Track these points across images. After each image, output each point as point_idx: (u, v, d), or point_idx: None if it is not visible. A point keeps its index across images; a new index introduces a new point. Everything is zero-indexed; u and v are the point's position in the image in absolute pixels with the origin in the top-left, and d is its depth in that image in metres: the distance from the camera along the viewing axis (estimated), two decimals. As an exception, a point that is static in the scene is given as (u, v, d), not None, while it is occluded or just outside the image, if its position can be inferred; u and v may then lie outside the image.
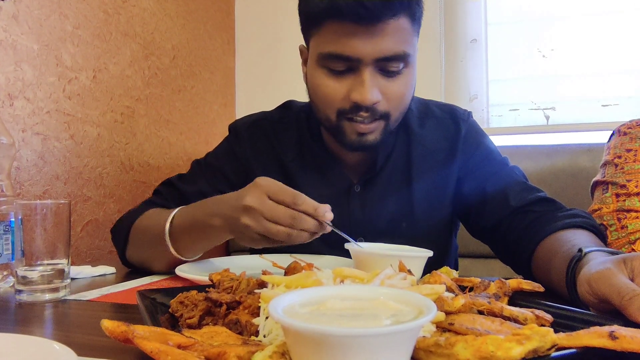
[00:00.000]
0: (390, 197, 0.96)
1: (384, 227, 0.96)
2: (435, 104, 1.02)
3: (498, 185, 0.90)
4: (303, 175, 0.98)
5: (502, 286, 0.51)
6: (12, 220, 0.84)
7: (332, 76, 0.83)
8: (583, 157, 1.54)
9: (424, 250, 0.67)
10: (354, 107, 0.82)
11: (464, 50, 1.78)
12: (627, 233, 0.79)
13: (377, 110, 0.83)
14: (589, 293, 0.47)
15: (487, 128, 1.76)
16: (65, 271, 0.75)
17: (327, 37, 0.81)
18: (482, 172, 0.93)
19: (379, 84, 0.82)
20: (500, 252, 0.90)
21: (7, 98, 1.04)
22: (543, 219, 0.80)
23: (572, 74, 1.67)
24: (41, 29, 1.13)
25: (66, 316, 0.65)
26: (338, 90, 0.83)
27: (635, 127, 0.92)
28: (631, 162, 0.87)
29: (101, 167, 1.31)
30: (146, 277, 0.90)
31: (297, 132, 1.01)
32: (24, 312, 0.67)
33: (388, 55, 0.80)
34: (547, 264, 0.70)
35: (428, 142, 0.97)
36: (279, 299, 0.35)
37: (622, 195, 0.83)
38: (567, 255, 0.62)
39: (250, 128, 1.04)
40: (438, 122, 0.98)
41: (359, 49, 0.79)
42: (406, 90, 0.85)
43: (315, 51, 0.85)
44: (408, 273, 0.53)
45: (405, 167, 0.96)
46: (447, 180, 0.96)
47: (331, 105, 0.85)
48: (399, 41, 0.80)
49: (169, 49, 1.62)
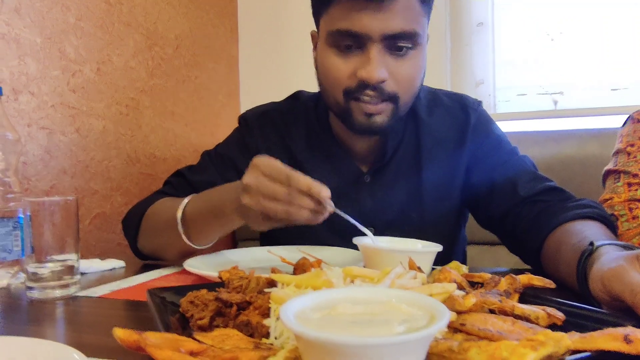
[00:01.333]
0: (400, 187, 0.96)
1: (393, 217, 0.95)
2: (444, 93, 1.01)
3: (507, 175, 0.89)
4: (313, 165, 0.98)
5: (513, 282, 0.51)
6: (20, 217, 0.84)
7: (340, 54, 0.83)
8: (592, 143, 1.52)
9: (433, 245, 0.66)
10: (360, 85, 0.81)
11: (470, 34, 1.76)
12: (638, 224, 0.78)
13: (385, 90, 0.82)
14: (602, 291, 0.46)
15: (494, 113, 1.74)
16: (75, 267, 0.75)
17: (336, 14, 0.81)
18: (491, 161, 0.92)
19: (386, 63, 0.81)
20: (509, 243, 0.89)
21: (11, 93, 1.04)
22: (552, 209, 0.79)
23: (581, 58, 1.64)
24: (44, 21, 1.12)
25: (77, 314, 0.65)
26: (345, 68, 0.83)
27: None
28: None
29: (107, 160, 1.31)
30: (155, 271, 0.90)
31: (306, 122, 1.00)
32: (36, 310, 0.67)
33: (396, 31, 0.79)
34: (556, 256, 0.70)
35: (437, 131, 0.96)
36: (290, 303, 0.34)
37: (634, 185, 0.82)
38: (577, 248, 0.62)
39: (260, 119, 1.03)
40: (447, 110, 0.97)
41: (366, 25, 0.78)
42: (415, 73, 0.84)
43: (325, 30, 0.85)
44: (418, 270, 0.53)
45: (414, 156, 0.96)
46: (456, 170, 0.95)
47: (338, 85, 0.84)
48: (408, 19, 0.79)
49: (172, 38, 1.60)
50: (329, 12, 0.83)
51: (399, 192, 0.96)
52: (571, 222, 0.73)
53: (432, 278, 0.57)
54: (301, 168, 0.97)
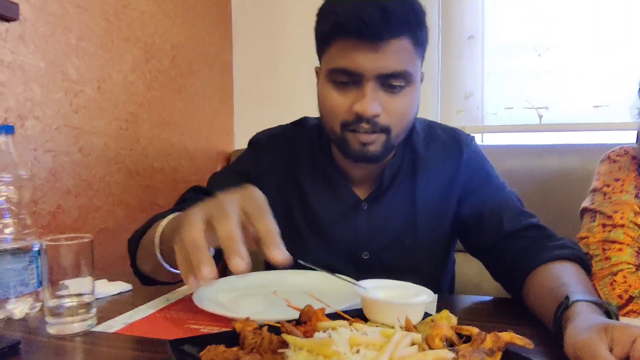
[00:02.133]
0: (395, 215, 1.02)
1: (388, 242, 1.02)
2: (440, 127, 1.08)
3: (494, 209, 0.96)
4: (315, 191, 1.04)
5: (497, 340, 0.58)
6: (35, 250, 0.89)
7: (338, 89, 0.89)
8: (572, 157, 1.60)
9: (425, 292, 0.72)
10: (356, 119, 0.88)
11: (461, 47, 1.81)
12: (610, 264, 0.85)
13: (378, 123, 0.88)
14: (573, 355, 0.53)
15: (482, 126, 1.81)
16: (91, 302, 0.80)
17: (334, 54, 0.88)
18: (481, 195, 0.99)
19: (380, 99, 0.87)
20: (494, 274, 0.96)
21: (17, 119, 1.07)
22: (534, 247, 0.86)
23: (566, 75, 1.71)
24: (47, 45, 1.14)
25: (96, 353, 0.71)
26: (342, 102, 0.89)
27: (624, 156, 0.97)
28: (618, 192, 0.92)
29: (109, 176, 1.35)
30: (162, 297, 0.95)
31: (310, 150, 1.06)
32: (56, 346, 0.73)
33: (389, 71, 0.85)
34: (537, 298, 0.77)
35: (432, 165, 1.02)
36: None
37: (608, 226, 0.89)
38: (555, 296, 0.69)
39: (271, 142, 1.09)
40: (443, 145, 1.04)
41: (361, 64, 0.84)
42: (407, 108, 0.91)
43: (325, 68, 0.91)
44: (414, 329, 0.59)
45: (410, 187, 1.02)
46: (449, 201, 1.02)
47: (336, 117, 0.91)
48: (400, 60, 0.85)
49: (169, 49, 1.62)
50: (329, 51, 0.89)
51: (394, 219, 1.02)
52: (551, 263, 0.80)
53: (425, 329, 0.64)
54: (304, 192, 1.04)
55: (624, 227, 0.88)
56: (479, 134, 1.85)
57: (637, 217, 0.90)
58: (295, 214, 1.05)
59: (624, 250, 0.86)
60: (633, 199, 0.92)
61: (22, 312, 0.86)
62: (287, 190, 1.06)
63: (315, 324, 0.63)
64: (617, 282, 0.83)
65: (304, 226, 1.04)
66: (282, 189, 1.06)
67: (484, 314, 0.90)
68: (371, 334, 0.57)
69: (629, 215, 0.90)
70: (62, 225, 1.19)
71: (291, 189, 1.06)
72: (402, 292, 0.73)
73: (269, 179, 1.05)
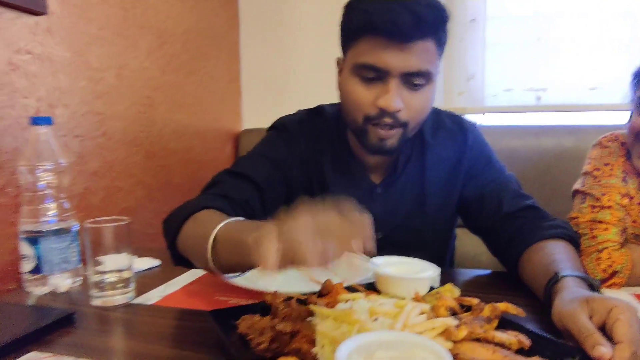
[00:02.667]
0: (407, 198, 1.10)
1: (399, 223, 1.10)
2: (446, 115, 1.15)
3: (495, 191, 1.05)
4: (335, 177, 1.11)
5: (494, 310, 0.67)
6: (75, 231, 0.97)
7: (363, 84, 0.94)
8: (568, 138, 1.68)
9: (430, 267, 0.81)
10: (379, 113, 0.94)
11: (464, 31, 1.86)
12: (596, 242, 0.94)
13: (399, 119, 0.94)
14: (560, 324, 0.62)
15: (482, 107, 1.88)
16: (130, 278, 0.90)
17: (362, 50, 0.92)
18: (483, 179, 1.07)
19: (402, 95, 0.93)
20: (492, 250, 1.06)
21: (48, 108, 1.14)
22: (529, 227, 0.95)
23: (564, 58, 1.77)
24: (71, 36, 1.20)
25: (138, 323, 0.80)
26: (367, 96, 0.95)
27: (614, 142, 1.05)
28: (607, 176, 1.01)
29: (129, 158, 1.42)
30: (189, 272, 1.05)
31: (330, 138, 1.11)
32: (101, 317, 0.82)
33: (413, 70, 0.91)
34: (530, 272, 0.87)
35: (440, 151, 1.10)
36: (341, 349, 0.49)
37: (596, 207, 0.98)
38: (545, 271, 0.78)
39: (299, 127, 1.13)
40: (449, 133, 1.11)
41: (389, 62, 0.90)
42: (426, 105, 0.97)
43: (351, 62, 0.96)
44: (422, 301, 0.68)
45: (420, 172, 1.10)
46: (455, 184, 1.10)
47: (360, 110, 0.96)
48: (424, 60, 0.91)
49: (180, 34, 1.68)
50: (357, 46, 0.94)
51: (405, 202, 1.10)
52: (544, 242, 0.90)
53: (432, 300, 0.73)
54: (325, 180, 1.11)
55: (611, 208, 0.97)
56: (479, 114, 1.92)
57: (624, 199, 0.99)
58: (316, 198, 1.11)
59: (609, 229, 0.95)
60: (620, 182, 1.00)
61: (65, 287, 0.95)
62: (311, 175, 1.12)
63: (336, 297, 0.72)
64: (602, 258, 0.92)
65: None
66: (307, 174, 1.12)
67: (483, 286, 1.00)
68: (386, 304, 0.66)
69: (615, 198, 0.98)
70: (90, 206, 1.27)
71: (314, 174, 1.12)
72: (410, 267, 0.83)
73: (297, 165, 1.10)
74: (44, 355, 0.67)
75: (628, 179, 1.01)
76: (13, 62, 1.05)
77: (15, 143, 1.05)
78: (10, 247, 1.05)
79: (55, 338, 0.73)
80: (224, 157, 1.99)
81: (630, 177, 1.01)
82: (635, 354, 0.52)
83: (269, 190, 1.05)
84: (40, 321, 0.75)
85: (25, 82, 1.08)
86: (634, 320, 0.55)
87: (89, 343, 0.72)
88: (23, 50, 1.07)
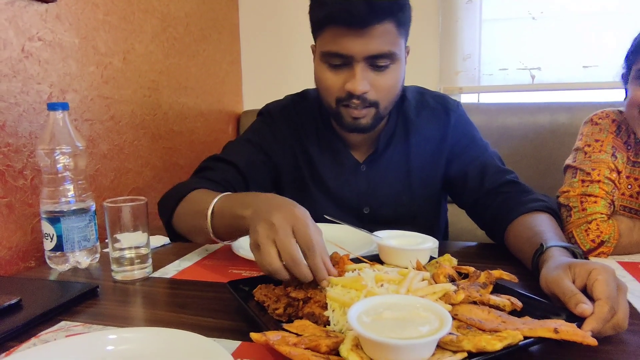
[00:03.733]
0: (392, 175, 1.16)
1: (386, 199, 1.17)
2: (430, 94, 1.20)
3: (477, 169, 1.11)
4: (320, 156, 1.18)
5: (489, 276, 0.73)
6: (93, 211, 1.02)
7: (331, 70, 1.02)
8: (562, 115, 1.73)
9: (430, 240, 0.87)
10: (348, 96, 1.01)
11: (460, 11, 1.89)
12: (585, 214, 1.00)
13: (367, 99, 1.01)
14: (546, 289, 0.68)
15: (478, 86, 1.92)
16: (148, 254, 0.95)
17: (326, 39, 0.99)
18: (466, 157, 1.13)
19: (368, 77, 0.99)
20: (479, 224, 1.13)
21: (60, 93, 1.18)
22: (511, 202, 1.02)
23: (558, 37, 1.81)
24: (79, 22, 1.23)
25: (163, 295, 0.86)
26: (336, 81, 1.02)
27: (605, 119, 1.10)
28: (597, 152, 1.06)
29: (137, 141, 1.47)
30: (202, 248, 1.10)
31: (314, 120, 1.19)
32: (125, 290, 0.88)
33: (375, 53, 0.97)
34: (517, 245, 0.94)
35: (423, 130, 1.15)
36: (351, 311, 0.55)
37: (586, 182, 1.03)
38: (531, 243, 0.85)
39: (282, 112, 1.21)
40: (432, 112, 1.17)
41: (351, 48, 0.96)
42: (393, 83, 1.03)
43: (319, 50, 1.03)
44: (423, 269, 0.74)
45: (404, 150, 1.16)
46: (439, 161, 1.16)
47: (331, 94, 1.04)
48: (385, 42, 0.97)
49: (183, 17, 1.70)
50: (322, 36, 1.01)
51: (390, 179, 1.16)
52: (526, 215, 0.96)
53: (432, 269, 0.79)
54: (311, 158, 1.18)
55: (600, 182, 1.03)
56: (475, 93, 1.96)
57: (612, 174, 1.04)
58: (305, 176, 1.19)
59: (598, 202, 1.01)
60: (610, 157, 1.06)
61: (85, 263, 1.01)
62: (297, 156, 1.19)
63: (343, 267, 0.78)
64: (591, 229, 0.98)
65: (312, 186, 1.19)
66: (293, 155, 1.19)
67: (478, 256, 1.06)
68: (390, 272, 0.72)
69: (605, 172, 1.04)
70: (101, 187, 1.32)
71: (300, 154, 1.19)
72: (410, 240, 0.89)
73: (281, 147, 1.18)
74: (74, 324, 0.73)
75: (617, 154, 1.06)
76: (26, 49, 1.08)
77: (30, 128, 1.10)
78: (29, 227, 1.10)
79: (83, 309, 0.79)
80: (226, 138, 2.03)
81: (619, 152, 1.07)
82: (613, 308, 0.58)
83: (252, 173, 1.13)
84: (67, 294, 0.81)
85: (38, 68, 1.11)
86: (611, 280, 0.61)
87: (115, 313, 0.78)
88: (35, 37, 1.10)
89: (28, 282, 0.92)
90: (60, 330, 0.71)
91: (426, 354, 0.51)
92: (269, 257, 0.69)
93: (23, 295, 0.78)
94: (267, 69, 2.17)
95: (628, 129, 1.08)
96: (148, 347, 0.59)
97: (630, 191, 1.06)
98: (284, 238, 0.69)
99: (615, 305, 0.59)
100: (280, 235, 0.69)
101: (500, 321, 0.61)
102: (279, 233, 0.69)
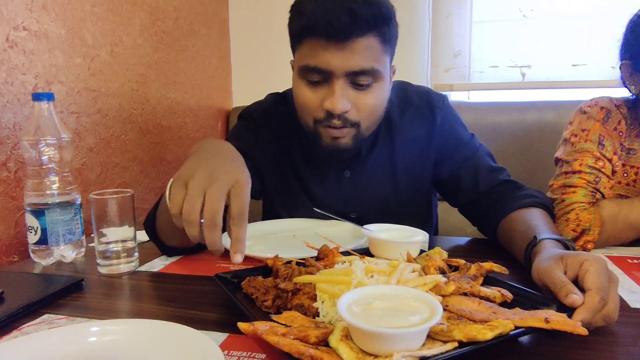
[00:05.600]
0: (377, 180, 1.13)
1: (372, 205, 1.14)
2: (413, 91, 1.14)
3: (470, 171, 1.08)
4: (303, 162, 1.15)
5: (480, 269, 0.72)
6: (79, 203, 1.00)
7: (309, 86, 0.96)
8: (550, 113, 1.74)
9: (420, 233, 0.87)
10: (327, 115, 0.95)
11: (450, 7, 1.89)
12: (564, 205, 1.00)
13: (348, 119, 0.95)
14: (538, 280, 0.68)
15: (468, 83, 1.92)
16: (134, 247, 0.93)
17: (305, 52, 0.94)
18: (457, 159, 1.10)
19: (349, 95, 0.93)
20: (471, 221, 1.12)
21: (45, 84, 1.16)
22: (504, 198, 1.01)
23: (548, 35, 1.82)
24: (66, 13, 1.21)
25: (146, 288, 0.84)
26: (314, 99, 0.96)
27: (593, 107, 1.10)
28: (582, 141, 1.06)
29: (124, 135, 1.45)
30: (189, 243, 1.09)
31: (296, 123, 1.11)
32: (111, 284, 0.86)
33: (357, 69, 0.91)
34: (509, 239, 0.93)
35: (408, 131, 1.11)
36: (341, 301, 0.54)
37: (568, 173, 1.04)
38: (524, 237, 0.84)
39: (264, 116, 1.17)
40: (417, 111, 1.11)
41: (330, 63, 0.90)
42: (376, 103, 0.97)
43: (297, 65, 0.97)
44: (413, 261, 0.74)
45: (388, 153, 1.12)
46: (426, 163, 1.13)
47: (309, 113, 0.98)
48: (367, 58, 0.91)
49: (172, 10, 1.68)
50: (300, 49, 0.96)
51: (376, 183, 1.13)
52: (519, 210, 0.96)
53: (422, 262, 0.78)
54: (296, 165, 1.14)
55: (581, 172, 1.03)
56: (465, 91, 1.96)
57: (598, 162, 1.04)
58: (291, 182, 1.16)
59: (577, 192, 1.01)
60: (595, 146, 1.05)
61: (70, 257, 0.99)
62: (282, 161, 1.16)
63: (333, 260, 0.77)
64: (570, 219, 0.98)
65: (299, 192, 1.16)
66: (277, 161, 1.15)
67: (468, 251, 1.06)
68: (380, 264, 0.71)
69: (588, 162, 1.03)
70: (87, 181, 1.30)
71: (285, 160, 1.15)
72: (401, 233, 0.88)
73: (264, 152, 1.14)
74: (58, 317, 0.71)
75: (605, 142, 1.05)
76: (11, 38, 1.06)
77: (15, 119, 1.07)
78: (12, 220, 1.08)
79: (67, 302, 0.77)
80: (215, 135, 2.02)
81: (608, 140, 1.06)
82: (603, 299, 0.58)
83: None
84: (52, 287, 0.79)
85: (23, 58, 1.09)
86: (602, 271, 0.61)
87: (100, 306, 0.76)
88: (20, 27, 1.08)
89: (11, 275, 0.89)
90: (43, 322, 0.69)
91: (416, 344, 0.50)
92: (192, 206, 0.65)
93: (5, 288, 0.77)
94: (256, 65, 2.16)
95: (617, 116, 1.07)
96: (132, 338, 0.58)
97: (627, 179, 1.06)
98: (217, 194, 0.65)
99: (605, 296, 0.58)
100: (214, 190, 0.65)
101: (491, 312, 0.60)
102: (213, 187, 0.65)
